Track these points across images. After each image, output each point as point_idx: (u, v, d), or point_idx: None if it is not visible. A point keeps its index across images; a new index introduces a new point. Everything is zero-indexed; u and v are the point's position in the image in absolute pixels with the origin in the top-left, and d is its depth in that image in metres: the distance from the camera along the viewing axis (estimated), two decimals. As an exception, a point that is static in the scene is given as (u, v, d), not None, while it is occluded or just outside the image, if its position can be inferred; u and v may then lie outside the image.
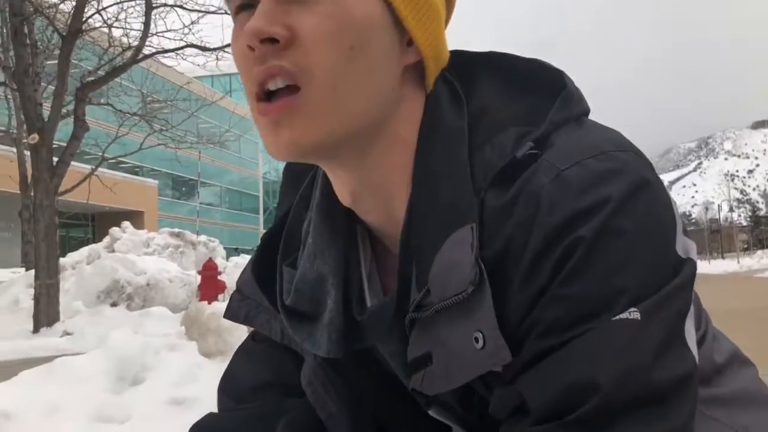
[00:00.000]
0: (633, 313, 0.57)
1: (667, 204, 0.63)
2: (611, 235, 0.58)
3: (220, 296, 10.46)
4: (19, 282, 12.86)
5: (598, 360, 0.56)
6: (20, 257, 18.74)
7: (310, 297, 0.74)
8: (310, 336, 0.73)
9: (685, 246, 0.63)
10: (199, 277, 10.76)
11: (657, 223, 0.61)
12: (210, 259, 11.39)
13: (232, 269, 14.37)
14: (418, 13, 0.67)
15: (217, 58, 11.69)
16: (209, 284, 10.32)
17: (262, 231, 55.99)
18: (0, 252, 23.59)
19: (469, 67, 0.74)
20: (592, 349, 0.56)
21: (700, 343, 0.76)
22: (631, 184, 0.60)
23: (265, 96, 0.64)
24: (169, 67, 14.18)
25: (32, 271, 10.20)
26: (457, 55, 0.76)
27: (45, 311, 9.64)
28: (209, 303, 4.99)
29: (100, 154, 12.46)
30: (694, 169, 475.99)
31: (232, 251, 29.48)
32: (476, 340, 0.60)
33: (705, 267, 41.22)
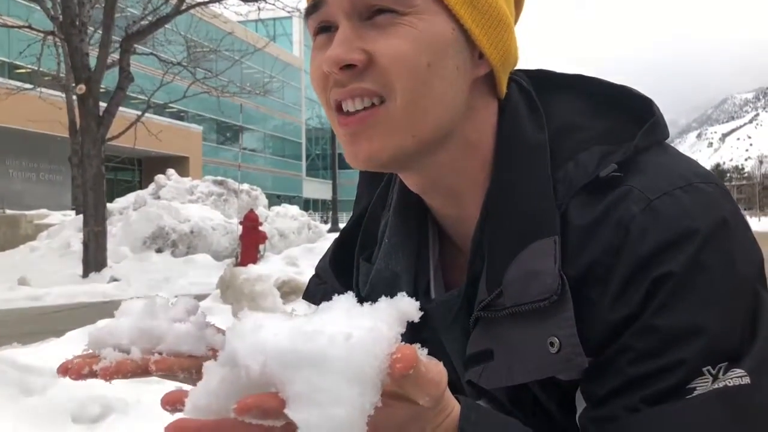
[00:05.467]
0: (744, 378, 0.58)
1: (751, 237, 0.66)
2: (699, 270, 0.60)
3: (261, 247, 10.69)
4: (70, 225, 13.36)
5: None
6: (71, 200, 19.38)
7: (383, 291, 0.79)
8: None
9: None
10: (240, 228, 10.99)
11: (742, 257, 0.63)
12: (251, 211, 11.60)
13: (274, 218, 14.62)
14: (488, 29, 0.69)
15: (259, 9, 11.66)
16: (250, 234, 10.56)
17: (304, 177, 56.43)
18: (52, 194, 24.41)
19: (550, 82, 0.77)
20: (707, 412, 0.57)
21: None
22: (718, 219, 0.62)
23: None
24: (214, 17, 14.19)
25: (82, 215, 10.54)
26: (541, 72, 0.79)
27: (93, 257, 10.03)
28: (245, 266, 5.10)
29: (146, 99, 12.62)
30: (750, 121, 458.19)
31: (274, 198, 29.84)
32: (551, 344, 0.63)
33: (755, 224, 40.17)
